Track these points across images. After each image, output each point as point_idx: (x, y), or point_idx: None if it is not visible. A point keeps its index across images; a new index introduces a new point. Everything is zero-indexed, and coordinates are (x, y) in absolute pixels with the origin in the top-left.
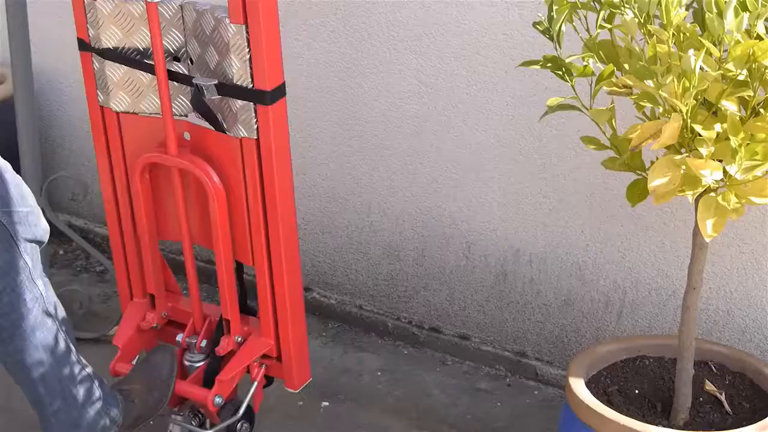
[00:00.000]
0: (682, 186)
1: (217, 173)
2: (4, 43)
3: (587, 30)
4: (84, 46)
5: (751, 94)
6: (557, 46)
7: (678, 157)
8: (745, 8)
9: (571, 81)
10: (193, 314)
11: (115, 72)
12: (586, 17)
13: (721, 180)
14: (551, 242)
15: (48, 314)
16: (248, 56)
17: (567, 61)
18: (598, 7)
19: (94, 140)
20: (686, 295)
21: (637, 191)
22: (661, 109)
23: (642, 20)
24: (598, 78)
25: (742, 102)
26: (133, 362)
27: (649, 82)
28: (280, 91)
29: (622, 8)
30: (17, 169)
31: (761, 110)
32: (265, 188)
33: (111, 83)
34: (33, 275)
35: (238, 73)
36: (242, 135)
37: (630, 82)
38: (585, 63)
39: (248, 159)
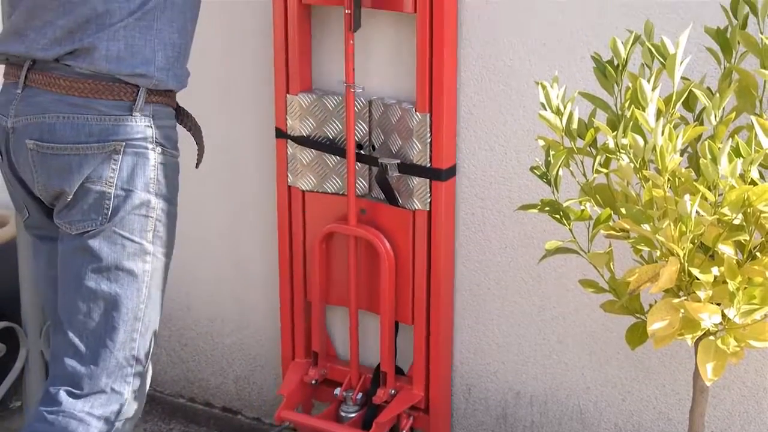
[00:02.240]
0: (681, 329)
1: (388, 241)
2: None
3: (584, 174)
4: (281, 134)
5: (747, 238)
6: (555, 190)
7: (676, 300)
8: (738, 154)
9: (569, 225)
10: (351, 370)
11: (306, 156)
12: (582, 162)
13: (720, 323)
14: (552, 384)
15: None
16: (429, 140)
17: (564, 205)
18: (594, 152)
19: (278, 215)
20: None
21: (637, 334)
22: (658, 253)
23: (638, 165)
24: (596, 222)
25: (739, 246)
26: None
27: (646, 226)
28: (452, 170)
29: (618, 154)
30: (17, 311)
31: (758, 254)
32: (432, 254)
33: (301, 166)
34: None
35: (419, 154)
36: (416, 207)
37: (627, 226)
38: (582, 207)
39: (419, 229)
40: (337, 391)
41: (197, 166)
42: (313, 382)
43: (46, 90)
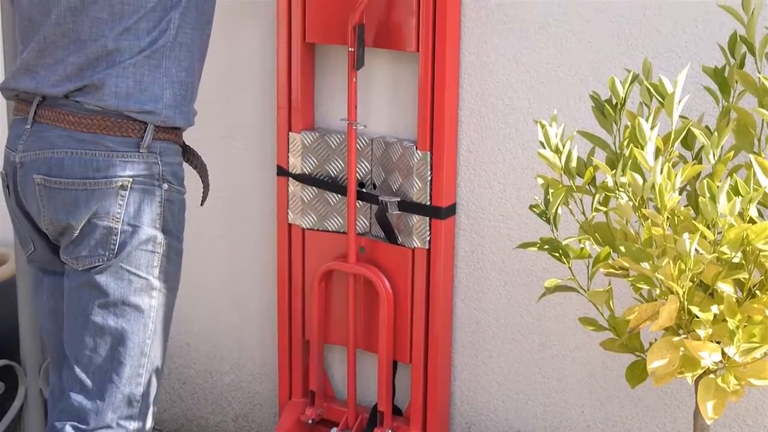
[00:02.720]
0: (681, 367)
1: (387, 279)
2: (5, 223)
3: (583, 213)
4: (282, 171)
5: (747, 276)
6: (554, 229)
7: (676, 338)
8: (737, 193)
9: (569, 263)
10: (348, 410)
11: (307, 194)
12: (581, 200)
13: (720, 362)
14: (552, 423)
15: None
16: (429, 178)
17: (564, 243)
18: (593, 190)
19: (278, 253)
20: None
21: (637, 372)
22: (658, 291)
23: (637, 204)
24: (595, 260)
25: (738, 284)
26: None
27: (646, 265)
28: (452, 208)
29: (617, 192)
30: (16, 350)
31: (757, 292)
32: (431, 292)
33: (302, 204)
34: None
35: (419, 192)
36: (416, 246)
37: (626, 264)
38: (582, 245)
39: (418, 267)
40: (334, 430)
41: (202, 204)
42: (310, 421)
43: (54, 126)
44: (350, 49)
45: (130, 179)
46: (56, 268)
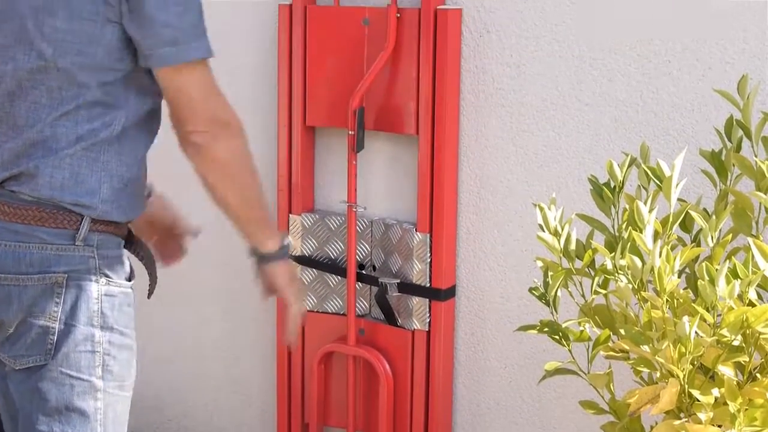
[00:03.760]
0: None
1: (387, 361)
2: None
3: (582, 295)
4: None
5: (747, 359)
6: (553, 311)
7: (677, 422)
8: (736, 276)
9: (568, 345)
10: None
11: (307, 276)
12: (581, 283)
13: None
14: None
15: None
16: (429, 260)
17: (564, 325)
18: (592, 273)
19: (277, 335)
20: None
21: None
22: (658, 374)
23: (636, 286)
24: (595, 342)
25: (739, 367)
26: None
27: (646, 348)
28: (452, 290)
29: (616, 275)
30: None
31: (758, 375)
32: (431, 375)
33: (302, 286)
34: None
35: (419, 274)
36: (415, 328)
37: (627, 347)
38: (581, 328)
39: (418, 349)
40: None
41: (149, 296)
42: None
43: None
44: (350, 132)
45: (65, 275)
46: None
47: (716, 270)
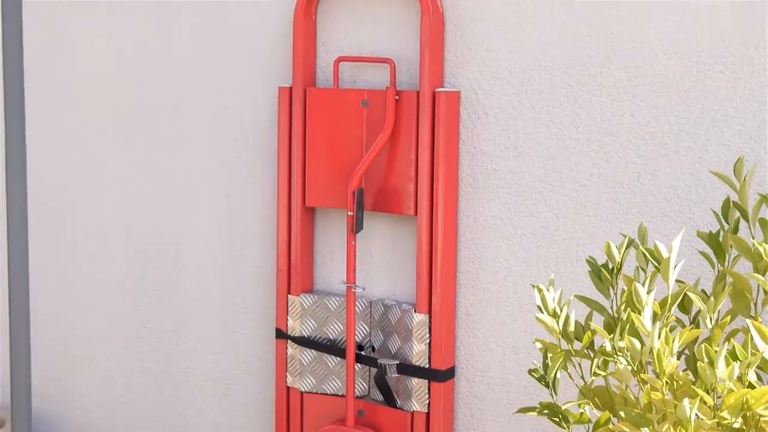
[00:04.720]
0: None
1: None
2: (4, 388)
3: (582, 377)
4: (281, 334)
5: None
6: (553, 393)
7: None
8: (735, 357)
9: (568, 428)
10: None
11: (306, 357)
12: (580, 364)
13: None
14: None
15: None
16: (428, 340)
17: (563, 407)
18: (591, 354)
19: (276, 416)
20: None
21: None
22: None
23: (635, 368)
24: (595, 425)
25: None
26: None
27: (646, 430)
28: (451, 371)
29: (616, 356)
30: None
31: None
32: None
33: (301, 366)
34: None
35: (418, 354)
36: (414, 409)
37: (627, 430)
38: (581, 410)
39: (417, 430)
40: None
41: None
42: None
43: None
44: (349, 212)
45: None
46: None
47: (715, 352)
